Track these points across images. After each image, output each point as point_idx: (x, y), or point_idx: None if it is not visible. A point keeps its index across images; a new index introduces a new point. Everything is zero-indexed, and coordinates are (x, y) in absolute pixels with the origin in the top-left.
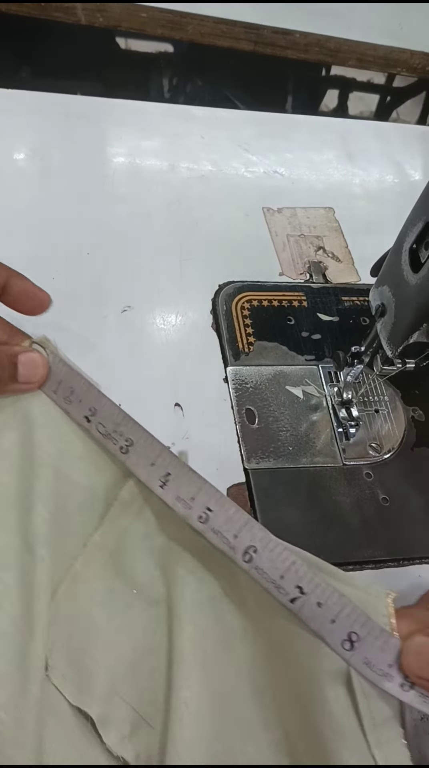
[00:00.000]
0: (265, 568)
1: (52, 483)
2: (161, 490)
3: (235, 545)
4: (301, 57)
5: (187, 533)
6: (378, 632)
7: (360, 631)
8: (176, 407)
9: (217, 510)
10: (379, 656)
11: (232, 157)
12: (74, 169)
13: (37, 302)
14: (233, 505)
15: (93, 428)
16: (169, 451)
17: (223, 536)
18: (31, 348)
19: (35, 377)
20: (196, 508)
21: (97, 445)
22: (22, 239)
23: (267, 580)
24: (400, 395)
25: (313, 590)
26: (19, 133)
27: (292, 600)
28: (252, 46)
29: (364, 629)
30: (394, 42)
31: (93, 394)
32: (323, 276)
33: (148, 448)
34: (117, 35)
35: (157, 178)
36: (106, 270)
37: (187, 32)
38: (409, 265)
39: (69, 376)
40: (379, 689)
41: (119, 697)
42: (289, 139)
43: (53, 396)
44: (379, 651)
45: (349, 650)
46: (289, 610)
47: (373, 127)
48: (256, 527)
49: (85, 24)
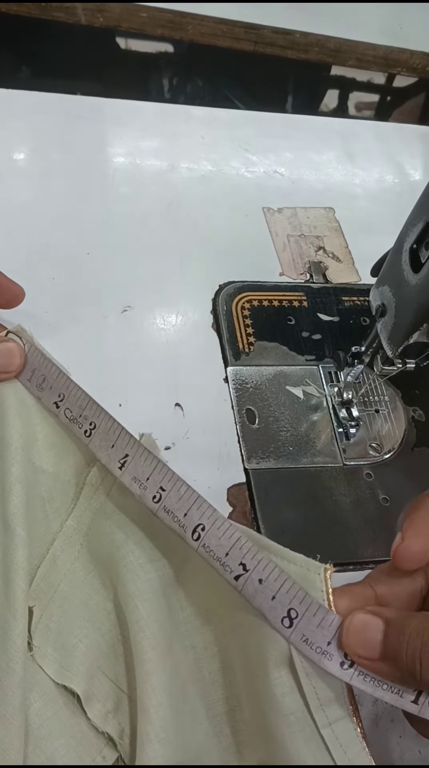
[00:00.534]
0: (212, 546)
1: (23, 469)
2: (119, 471)
3: (185, 524)
4: (301, 57)
5: (148, 518)
6: (316, 608)
7: (298, 608)
8: (176, 407)
9: (170, 489)
10: (318, 633)
11: (232, 157)
12: (74, 169)
13: (11, 295)
14: (185, 485)
15: (61, 414)
16: (128, 433)
17: (175, 515)
18: (7, 338)
19: (12, 366)
20: (150, 488)
21: (65, 430)
22: (23, 239)
23: (214, 558)
24: (401, 395)
25: (255, 567)
26: (19, 133)
27: (236, 578)
28: (252, 46)
29: (302, 606)
30: (394, 42)
31: (62, 381)
32: (323, 276)
33: (109, 430)
34: (117, 35)
35: (157, 178)
36: (106, 270)
37: (187, 32)
38: (410, 266)
39: (42, 365)
40: (321, 669)
41: (102, 673)
42: (289, 139)
43: (27, 384)
44: (317, 628)
45: (288, 627)
46: (234, 589)
47: (373, 127)
48: (205, 505)
49: (85, 24)
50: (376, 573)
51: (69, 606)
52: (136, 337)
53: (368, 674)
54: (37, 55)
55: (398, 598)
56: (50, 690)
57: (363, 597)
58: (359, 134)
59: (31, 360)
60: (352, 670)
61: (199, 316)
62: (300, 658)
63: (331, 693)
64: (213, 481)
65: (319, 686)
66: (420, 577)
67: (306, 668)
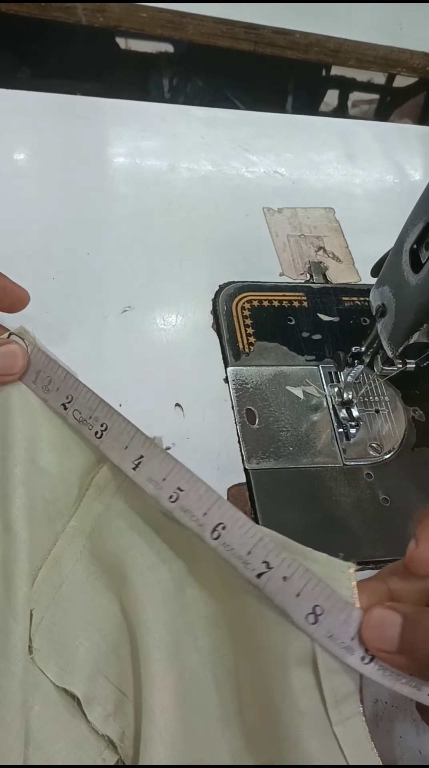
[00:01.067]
0: (232, 545)
1: (26, 470)
2: (133, 471)
3: (203, 522)
4: (301, 57)
5: (158, 520)
6: (342, 605)
7: (324, 604)
8: (176, 407)
9: (188, 489)
10: (343, 629)
11: (232, 157)
12: (74, 169)
13: (15, 299)
14: (204, 485)
15: (69, 415)
16: (143, 434)
17: (192, 514)
18: (9, 339)
19: (15, 368)
20: (166, 489)
21: (73, 432)
22: (22, 239)
23: (234, 556)
24: (401, 395)
25: (279, 564)
26: (19, 133)
27: (258, 575)
28: (252, 47)
29: (328, 602)
30: (394, 42)
31: (70, 382)
32: (323, 276)
33: (122, 432)
34: (117, 35)
35: (157, 178)
36: (106, 270)
37: (187, 32)
38: (410, 266)
39: (47, 366)
40: (341, 663)
41: (103, 676)
42: (290, 139)
43: (32, 386)
44: (342, 624)
45: (313, 624)
46: (255, 587)
47: (373, 127)
48: (226, 505)
49: (85, 24)
50: (388, 570)
51: (70, 608)
52: (137, 337)
53: (387, 668)
54: (37, 55)
55: (410, 594)
56: (50, 693)
57: (378, 592)
58: (359, 134)
59: (35, 361)
60: (373, 664)
61: (199, 316)
62: (323, 654)
63: (347, 689)
64: (213, 481)
65: (337, 683)
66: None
67: (328, 664)
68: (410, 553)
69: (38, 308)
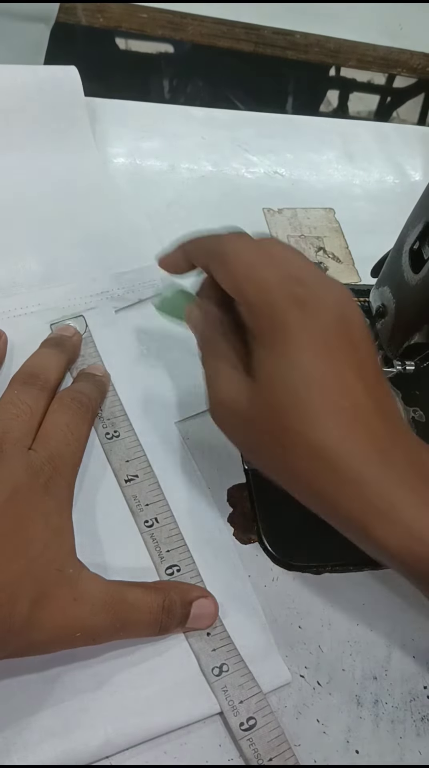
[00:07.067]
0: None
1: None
2: (124, 484)
3: (164, 557)
4: (301, 58)
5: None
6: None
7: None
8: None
9: (163, 523)
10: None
11: (232, 157)
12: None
13: None
14: (178, 528)
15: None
16: (146, 458)
17: (159, 546)
18: (207, 593)
19: (203, 624)
20: (146, 513)
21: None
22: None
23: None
24: (401, 396)
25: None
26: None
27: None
28: (252, 47)
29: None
30: (394, 42)
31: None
32: None
33: (131, 447)
34: (117, 36)
35: (157, 179)
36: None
37: (187, 33)
38: (410, 266)
39: (89, 355)
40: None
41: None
42: (290, 139)
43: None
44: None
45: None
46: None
47: (374, 128)
48: (187, 553)
49: (85, 24)
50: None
51: None
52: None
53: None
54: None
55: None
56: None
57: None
58: (359, 135)
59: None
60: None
61: None
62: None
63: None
64: (213, 481)
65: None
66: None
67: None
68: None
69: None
